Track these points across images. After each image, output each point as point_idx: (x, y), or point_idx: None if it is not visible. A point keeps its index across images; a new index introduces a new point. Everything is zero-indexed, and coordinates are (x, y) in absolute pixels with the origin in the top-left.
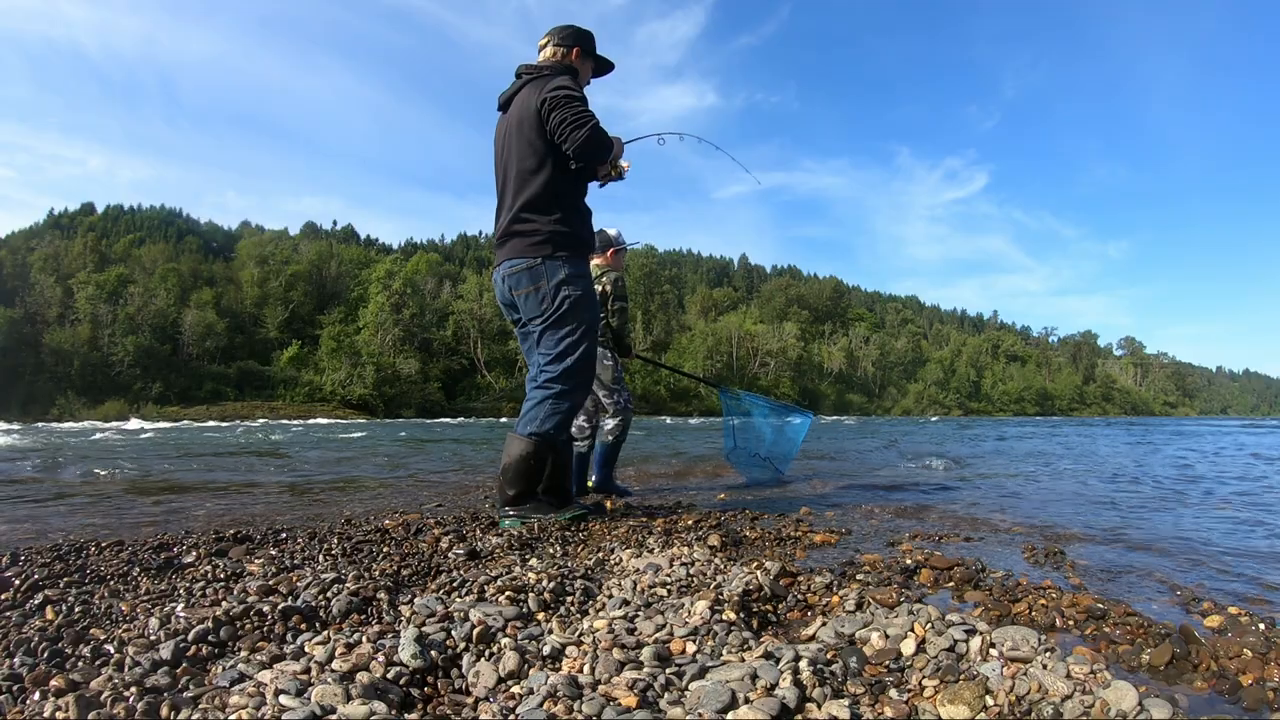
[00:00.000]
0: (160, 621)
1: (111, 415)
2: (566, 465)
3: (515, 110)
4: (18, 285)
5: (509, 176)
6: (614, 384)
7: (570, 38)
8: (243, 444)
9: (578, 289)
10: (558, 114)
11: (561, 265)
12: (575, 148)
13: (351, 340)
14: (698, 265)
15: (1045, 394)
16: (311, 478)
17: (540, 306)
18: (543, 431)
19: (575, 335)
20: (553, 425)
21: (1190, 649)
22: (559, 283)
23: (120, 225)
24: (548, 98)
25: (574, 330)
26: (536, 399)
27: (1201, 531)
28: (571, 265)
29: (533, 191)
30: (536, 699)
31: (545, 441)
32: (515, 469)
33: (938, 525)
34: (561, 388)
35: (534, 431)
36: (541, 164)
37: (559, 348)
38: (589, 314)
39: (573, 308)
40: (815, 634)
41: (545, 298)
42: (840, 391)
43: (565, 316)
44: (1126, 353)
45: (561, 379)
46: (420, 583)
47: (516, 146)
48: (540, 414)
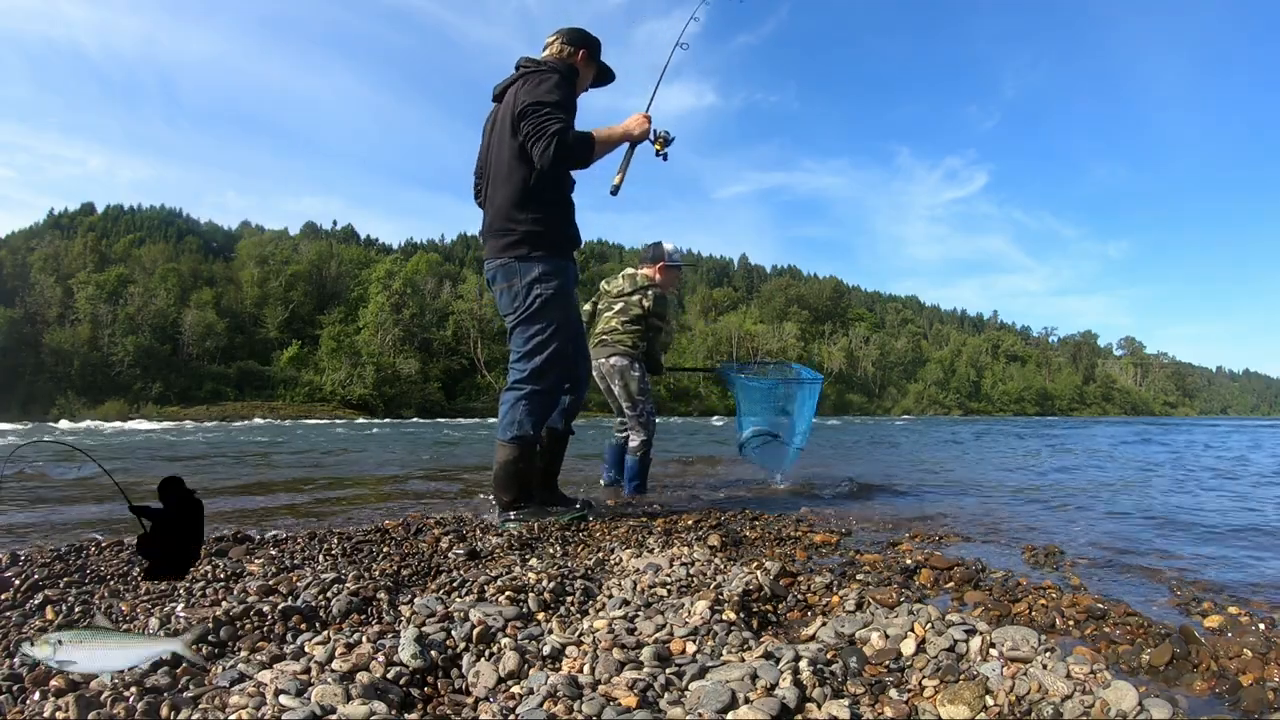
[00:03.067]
0: (160, 621)
1: (112, 415)
2: (557, 457)
3: (505, 104)
4: (18, 285)
5: (492, 171)
6: (639, 395)
7: (579, 39)
8: (242, 444)
9: (550, 287)
10: (525, 124)
11: (536, 264)
12: (540, 162)
13: (351, 340)
14: (698, 265)
15: (1045, 394)
16: (311, 478)
17: (513, 304)
18: (522, 434)
19: (545, 334)
20: (530, 425)
21: (1190, 649)
22: (531, 280)
23: (120, 225)
24: (522, 108)
25: (544, 329)
26: (509, 401)
27: (1202, 531)
28: (546, 263)
29: (511, 189)
30: (536, 699)
31: (527, 442)
32: (504, 475)
33: (938, 525)
34: (531, 388)
35: (514, 435)
36: (519, 164)
37: (527, 346)
38: (562, 313)
39: (544, 306)
40: (815, 634)
41: (518, 295)
42: (840, 392)
43: (536, 314)
44: (1126, 353)
45: (530, 379)
46: (420, 583)
47: (498, 142)
48: (515, 416)
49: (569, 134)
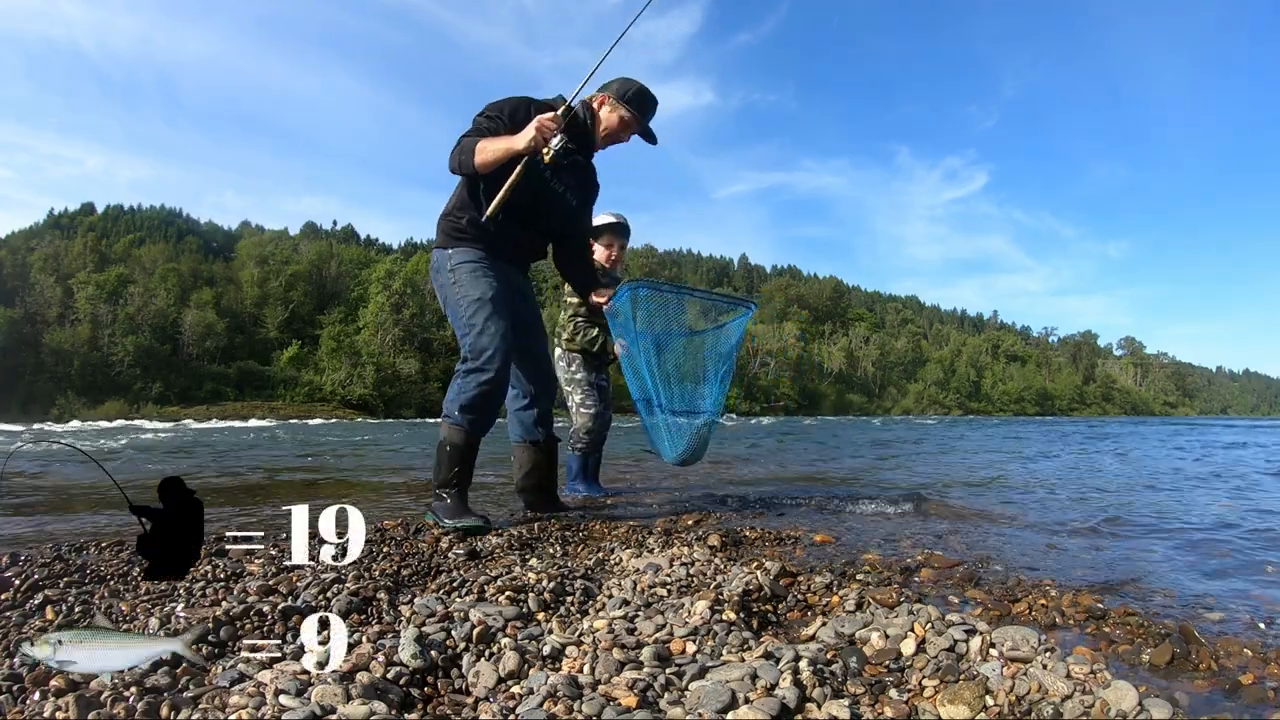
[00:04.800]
0: (160, 621)
1: (112, 415)
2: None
3: None
4: (18, 285)
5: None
6: (568, 386)
7: (611, 84)
8: (242, 444)
9: (451, 278)
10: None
11: (447, 256)
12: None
13: (351, 340)
14: (697, 265)
15: (1045, 394)
16: (311, 477)
17: (440, 297)
18: (449, 414)
19: (459, 325)
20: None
21: (1190, 648)
22: (439, 272)
23: (120, 225)
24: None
25: (455, 319)
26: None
27: (1201, 530)
28: (452, 258)
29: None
30: (536, 699)
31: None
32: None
33: (938, 525)
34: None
35: (447, 414)
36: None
37: (459, 338)
38: (467, 301)
39: (446, 299)
40: (815, 634)
41: (439, 289)
42: (840, 391)
43: (447, 305)
44: (1126, 353)
45: (464, 361)
46: (420, 583)
47: None
48: (449, 396)
49: (460, 140)
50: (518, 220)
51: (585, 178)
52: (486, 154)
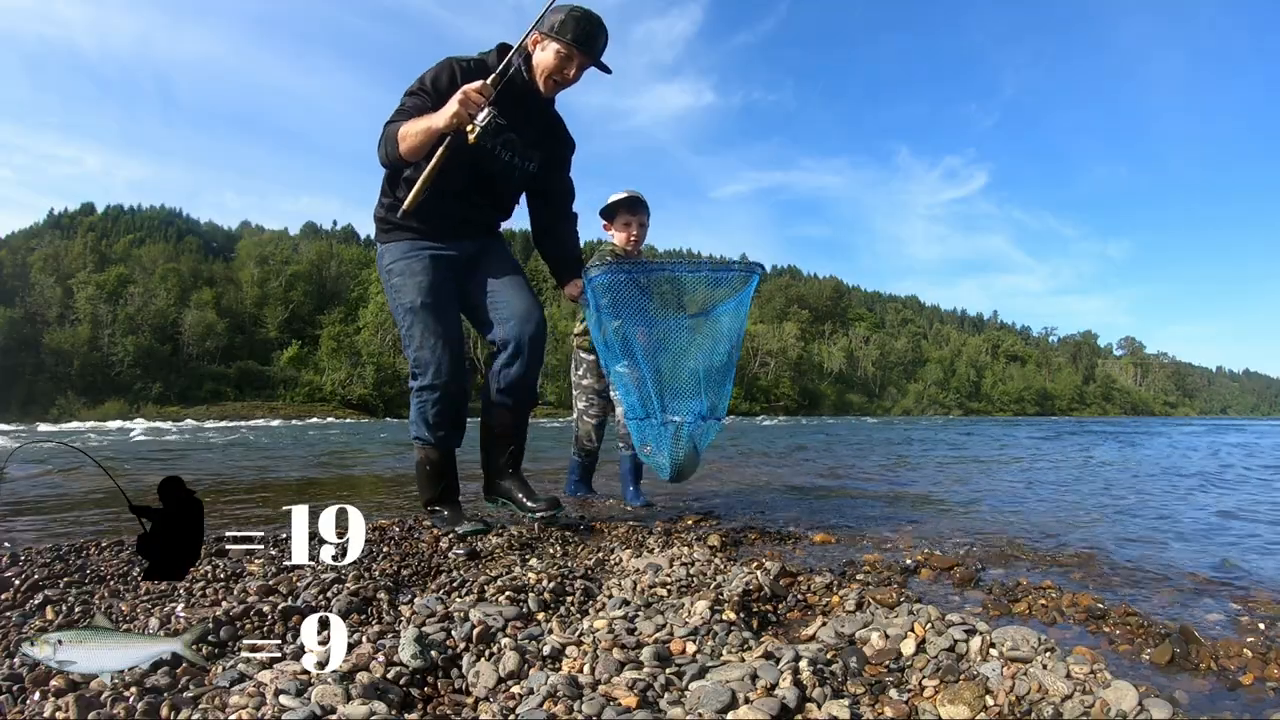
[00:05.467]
0: (160, 621)
1: (112, 415)
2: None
3: None
4: (18, 285)
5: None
6: (573, 389)
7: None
8: (242, 444)
9: (388, 280)
10: None
11: (382, 254)
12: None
13: (351, 340)
14: None
15: (1045, 394)
16: (311, 477)
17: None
18: (417, 435)
19: (401, 337)
20: (420, 428)
21: (1190, 648)
22: (380, 272)
23: (120, 225)
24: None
25: (397, 320)
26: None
27: (1202, 529)
28: (384, 257)
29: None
30: (536, 699)
31: (423, 442)
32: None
33: (938, 525)
34: (414, 386)
35: (415, 436)
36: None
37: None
38: (401, 311)
39: (389, 296)
40: (815, 634)
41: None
42: (840, 391)
43: (391, 303)
44: (1126, 352)
45: (413, 377)
46: (420, 583)
47: None
48: (411, 416)
49: (384, 128)
50: (460, 198)
51: (543, 134)
52: (409, 140)
